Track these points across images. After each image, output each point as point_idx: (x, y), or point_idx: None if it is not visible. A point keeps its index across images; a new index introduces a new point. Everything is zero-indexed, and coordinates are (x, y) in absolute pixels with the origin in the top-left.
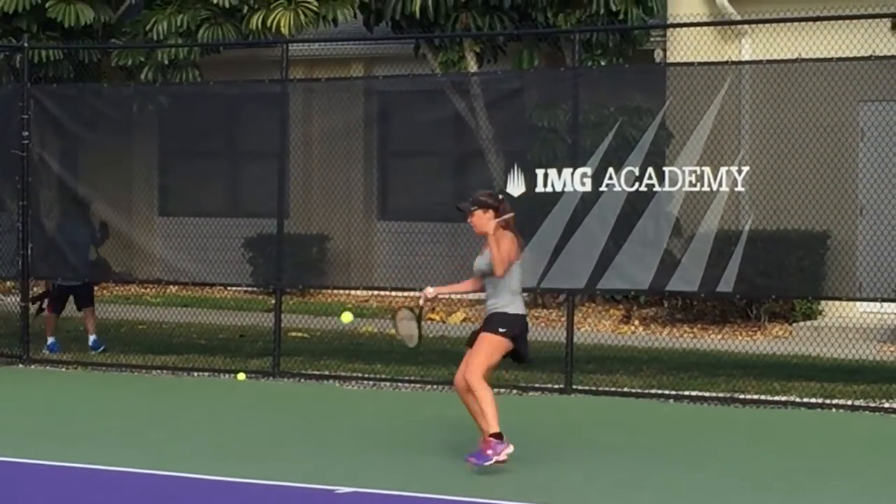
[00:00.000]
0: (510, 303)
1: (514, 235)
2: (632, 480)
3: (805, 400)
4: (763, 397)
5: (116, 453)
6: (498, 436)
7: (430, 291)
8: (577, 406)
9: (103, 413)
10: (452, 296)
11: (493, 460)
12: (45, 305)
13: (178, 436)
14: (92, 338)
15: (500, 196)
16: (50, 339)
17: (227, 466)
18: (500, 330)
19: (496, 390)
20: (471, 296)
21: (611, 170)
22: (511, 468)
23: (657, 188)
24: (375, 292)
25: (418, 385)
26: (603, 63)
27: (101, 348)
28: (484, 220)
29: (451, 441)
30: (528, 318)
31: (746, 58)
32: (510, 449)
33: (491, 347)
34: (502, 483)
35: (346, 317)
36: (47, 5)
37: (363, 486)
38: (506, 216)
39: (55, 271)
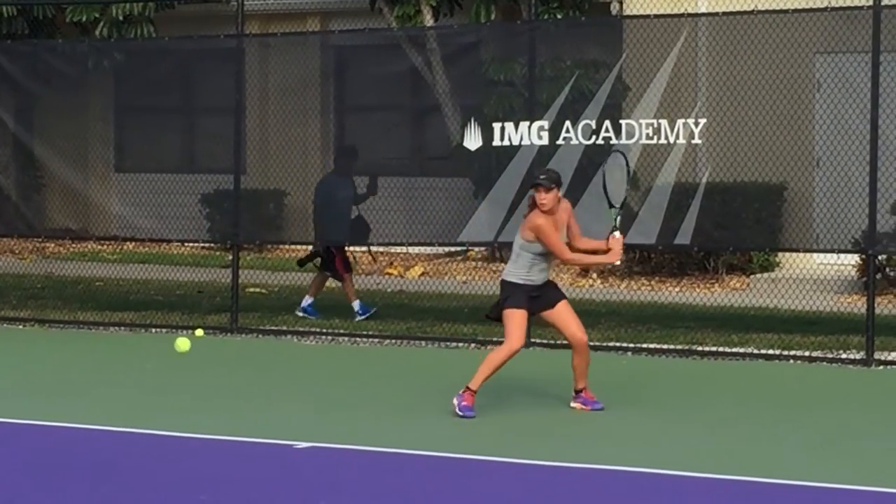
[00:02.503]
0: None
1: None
2: (590, 432)
3: (763, 351)
4: (721, 349)
5: (72, 410)
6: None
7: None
8: (534, 359)
9: (60, 370)
10: (409, 249)
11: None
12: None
13: (136, 393)
14: (355, 304)
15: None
16: (357, 303)
17: (186, 422)
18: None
19: (455, 344)
20: (428, 250)
21: (568, 123)
22: (467, 421)
23: (614, 141)
24: None
25: (376, 340)
26: (559, 16)
27: (371, 311)
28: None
29: (408, 396)
30: None
31: (703, 10)
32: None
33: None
34: (461, 436)
35: (188, 341)
36: None
37: (321, 441)
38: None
39: (11, 229)
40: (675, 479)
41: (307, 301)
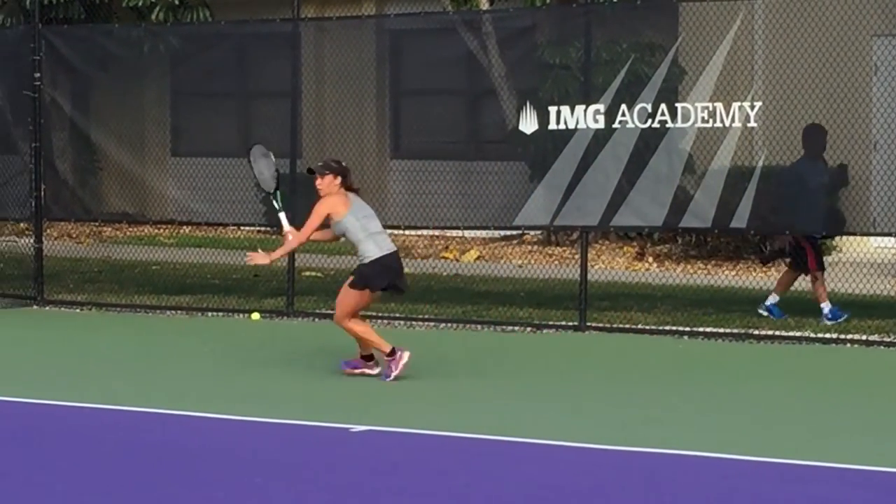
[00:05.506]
0: (365, 251)
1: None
2: (646, 416)
3: (820, 335)
4: (777, 333)
5: (132, 394)
6: (392, 352)
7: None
8: (591, 343)
9: (118, 354)
10: (465, 233)
11: (400, 370)
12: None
13: (193, 376)
14: (825, 307)
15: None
16: (826, 305)
17: (243, 406)
18: (358, 283)
19: (511, 328)
20: (484, 234)
21: (623, 106)
22: (523, 405)
23: (670, 124)
24: (388, 231)
25: (432, 323)
26: None
27: (843, 317)
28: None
29: (464, 378)
30: (393, 254)
31: None
32: (406, 356)
33: (349, 297)
34: (512, 421)
35: (255, 316)
36: None
37: (377, 424)
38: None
39: (68, 213)
40: (730, 462)
41: (773, 300)
